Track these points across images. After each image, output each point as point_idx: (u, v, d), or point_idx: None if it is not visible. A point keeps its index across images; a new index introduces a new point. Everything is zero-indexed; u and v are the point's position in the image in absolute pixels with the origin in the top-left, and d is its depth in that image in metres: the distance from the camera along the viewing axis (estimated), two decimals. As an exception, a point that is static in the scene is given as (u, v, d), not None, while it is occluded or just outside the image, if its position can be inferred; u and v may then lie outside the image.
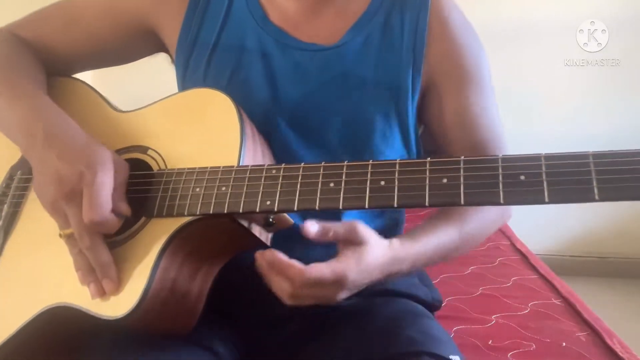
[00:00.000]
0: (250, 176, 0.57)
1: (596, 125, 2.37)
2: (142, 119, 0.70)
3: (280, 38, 0.72)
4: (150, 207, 0.60)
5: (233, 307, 0.72)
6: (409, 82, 0.71)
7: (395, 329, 0.66)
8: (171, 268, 0.58)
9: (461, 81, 0.74)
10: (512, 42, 2.29)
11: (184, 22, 0.75)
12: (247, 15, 0.74)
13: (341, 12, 0.73)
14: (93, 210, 0.56)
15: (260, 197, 0.55)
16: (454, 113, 0.74)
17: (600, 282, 2.34)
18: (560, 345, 1.05)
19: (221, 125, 0.63)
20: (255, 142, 0.64)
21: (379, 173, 0.52)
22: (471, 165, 0.49)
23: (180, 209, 0.58)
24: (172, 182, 0.60)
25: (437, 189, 0.49)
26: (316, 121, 0.70)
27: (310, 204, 0.54)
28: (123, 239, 0.61)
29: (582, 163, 0.44)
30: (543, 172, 0.45)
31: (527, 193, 0.46)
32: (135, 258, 0.59)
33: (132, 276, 0.58)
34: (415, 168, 0.51)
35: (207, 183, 0.58)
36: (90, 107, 0.75)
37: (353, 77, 0.70)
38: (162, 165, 0.64)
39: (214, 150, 0.62)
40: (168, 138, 0.66)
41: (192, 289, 0.61)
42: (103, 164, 0.58)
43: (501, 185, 0.47)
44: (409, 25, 0.72)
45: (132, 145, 0.68)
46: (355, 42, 0.71)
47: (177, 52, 0.76)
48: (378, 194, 0.51)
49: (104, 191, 0.57)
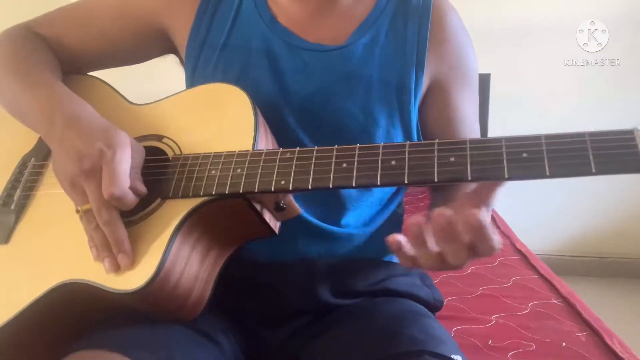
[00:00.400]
0: (265, 158, 0.59)
1: (596, 125, 2.36)
2: (158, 111, 0.73)
3: (288, 39, 0.74)
4: (166, 189, 0.62)
5: (235, 303, 0.73)
6: (413, 82, 0.74)
7: (396, 328, 0.66)
8: (184, 247, 0.60)
9: (459, 83, 0.78)
10: (512, 42, 2.29)
11: (194, 22, 0.77)
12: (256, 17, 0.76)
13: (345, 15, 0.76)
14: (113, 184, 0.58)
15: (275, 177, 0.57)
16: (451, 114, 0.78)
17: (600, 282, 2.35)
18: (560, 345, 1.05)
19: (236, 116, 0.65)
20: (267, 133, 0.66)
21: (390, 153, 0.54)
22: (477, 145, 0.52)
23: (196, 189, 0.60)
24: (188, 166, 0.62)
25: (446, 166, 0.52)
26: (324, 119, 0.72)
27: (324, 182, 0.56)
28: (138, 218, 0.62)
29: (580, 141, 0.49)
30: (544, 149, 0.49)
31: (529, 168, 0.49)
32: (150, 236, 0.60)
33: (148, 252, 0.59)
34: (424, 148, 0.53)
35: (223, 165, 0.60)
36: (107, 101, 0.78)
37: (358, 77, 0.73)
38: (177, 152, 0.66)
39: (228, 138, 0.64)
40: (183, 127, 0.69)
41: (202, 273, 0.62)
42: (121, 144, 0.60)
43: (505, 162, 0.50)
44: (412, 28, 0.75)
45: (148, 134, 0.70)
46: (360, 43, 0.74)
47: (187, 52, 0.78)
48: (389, 172, 0.54)
49: (123, 167, 0.59)
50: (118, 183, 0.58)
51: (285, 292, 0.72)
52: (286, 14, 0.76)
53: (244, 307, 0.74)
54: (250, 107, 0.64)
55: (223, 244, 0.65)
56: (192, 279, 0.61)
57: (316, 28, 0.75)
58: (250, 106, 0.65)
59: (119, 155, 0.59)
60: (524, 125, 2.41)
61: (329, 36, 0.75)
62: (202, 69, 0.76)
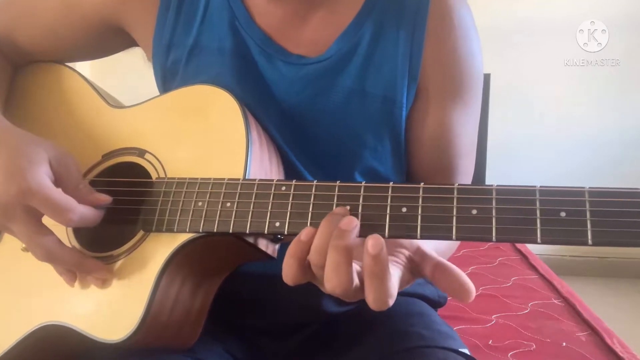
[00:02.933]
0: (258, 192, 0.52)
1: (596, 125, 2.37)
2: (139, 117, 0.66)
3: (265, 46, 0.67)
4: (149, 220, 0.57)
5: (237, 317, 0.71)
6: (404, 93, 0.65)
7: (404, 327, 0.65)
8: (172, 287, 0.55)
9: (451, 94, 0.67)
10: (512, 42, 2.30)
11: (157, 23, 0.69)
12: (229, 14, 0.68)
13: (330, 18, 0.67)
14: (61, 214, 0.53)
15: (269, 218, 0.51)
16: (435, 127, 0.67)
17: (600, 282, 2.35)
18: (560, 345, 1.05)
19: (225, 127, 0.59)
20: (262, 147, 0.60)
21: (401, 198, 0.46)
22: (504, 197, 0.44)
23: (181, 225, 0.54)
24: (172, 194, 0.56)
25: (468, 222, 0.44)
26: (304, 135, 0.66)
27: None
28: (121, 253, 0.58)
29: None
30: (587, 210, 0.42)
31: (567, 233, 0.42)
32: (133, 276, 0.56)
33: (131, 297, 0.55)
34: (442, 195, 0.45)
35: (211, 197, 0.54)
36: (80, 101, 0.71)
37: (340, 91, 0.65)
38: (160, 171, 0.60)
39: (217, 157, 0.58)
40: (167, 140, 0.62)
41: (194, 305, 0.58)
42: (36, 177, 0.54)
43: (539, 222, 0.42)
44: (405, 30, 0.65)
45: (128, 147, 0.64)
46: (343, 53, 0.65)
47: (154, 56, 0.71)
48: (399, 223, 0.46)
49: (54, 194, 0.54)
50: (65, 209, 0.53)
51: (287, 305, 0.68)
52: (263, 14, 0.67)
53: (246, 321, 0.71)
54: (241, 117, 0.58)
55: (216, 273, 0.60)
56: (183, 314, 0.57)
57: (296, 34, 0.67)
58: (241, 116, 0.58)
59: (39, 185, 0.53)
60: (524, 125, 2.41)
61: (309, 44, 0.67)
62: (172, 73, 0.70)
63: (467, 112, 0.68)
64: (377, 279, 0.42)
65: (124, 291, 0.56)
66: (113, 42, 0.76)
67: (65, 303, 0.58)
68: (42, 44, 0.74)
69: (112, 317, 0.55)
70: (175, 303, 0.56)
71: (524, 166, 2.42)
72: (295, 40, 0.67)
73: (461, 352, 0.62)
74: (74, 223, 0.55)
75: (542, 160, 2.41)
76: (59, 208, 0.53)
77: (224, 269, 0.60)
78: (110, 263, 0.57)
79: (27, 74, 0.76)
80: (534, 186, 0.43)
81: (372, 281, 0.42)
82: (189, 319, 0.58)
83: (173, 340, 0.59)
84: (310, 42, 0.67)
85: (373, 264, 0.42)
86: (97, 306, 0.57)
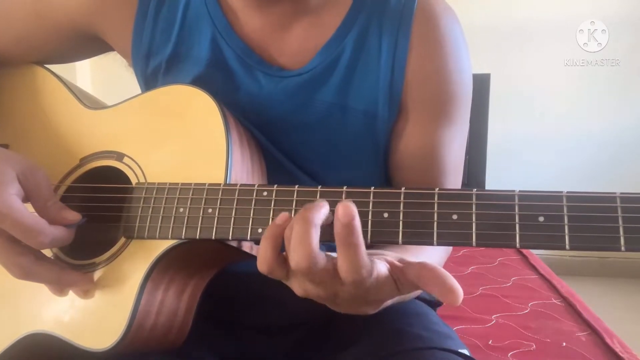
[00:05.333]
0: (239, 198, 0.51)
1: (596, 125, 2.37)
2: (116, 119, 0.65)
3: (245, 56, 0.65)
4: (130, 227, 0.56)
5: (229, 316, 0.70)
6: (387, 107, 0.64)
7: (402, 327, 0.65)
8: (156, 293, 0.55)
9: (436, 114, 0.65)
10: (512, 42, 2.30)
11: (134, 32, 0.68)
12: (208, 22, 0.67)
13: (312, 29, 0.65)
14: (31, 238, 0.53)
15: (251, 224, 0.50)
16: (419, 145, 0.65)
17: (600, 282, 2.35)
18: (560, 345, 1.05)
19: (204, 129, 0.58)
20: (243, 147, 0.59)
21: (382, 204, 0.46)
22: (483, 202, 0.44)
23: (163, 231, 0.54)
24: (153, 200, 0.56)
25: (449, 227, 0.44)
26: (282, 146, 0.65)
27: None
28: (103, 261, 0.57)
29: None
30: (565, 214, 0.41)
31: (545, 237, 0.41)
32: (116, 284, 0.55)
33: (115, 305, 0.54)
34: (423, 201, 0.45)
35: (192, 203, 0.53)
36: (56, 103, 0.69)
37: (319, 105, 0.64)
38: (140, 176, 0.59)
39: (197, 160, 0.57)
40: (145, 143, 0.61)
41: (180, 308, 0.58)
42: (2, 201, 0.53)
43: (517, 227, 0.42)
44: (387, 42, 0.63)
45: (106, 151, 0.63)
46: (324, 66, 0.64)
47: (134, 65, 0.70)
48: (380, 229, 0.45)
49: (25, 217, 0.53)
50: (36, 232, 0.52)
51: (280, 304, 0.67)
52: (244, 24, 0.66)
53: (237, 320, 0.70)
54: (220, 119, 0.57)
55: (200, 275, 0.60)
56: (169, 318, 0.57)
57: (277, 45, 0.65)
58: (220, 117, 0.57)
59: (9, 209, 0.52)
60: (524, 125, 2.41)
61: (291, 55, 0.65)
62: (153, 81, 0.69)
63: (453, 129, 0.66)
64: (349, 247, 0.41)
65: (108, 299, 0.55)
66: (88, 49, 0.75)
67: (52, 312, 0.58)
68: (14, 50, 0.73)
69: (98, 325, 0.55)
70: (160, 308, 0.55)
71: (524, 166, 2.42)
72: (276, 51, 0.65)
73: (460, 352, 0.61)
74: (45, 245, 0.54)
75: (542, 160, 2.41)
76: (29, 231, 0.52)
77: (209, 270, 0.60)
78: (92, 271, 0.57)
79: (0, 78, 0.74)
80: (513, 191, 0.43)
81: (343, 249, 0.42)
82: (175, 321, 0.58)
83: (161, 344, 0.59)
84: (292, 53, 0.65)
85: (345, 233, 0.41)
86: (82, 315, 0.56)
